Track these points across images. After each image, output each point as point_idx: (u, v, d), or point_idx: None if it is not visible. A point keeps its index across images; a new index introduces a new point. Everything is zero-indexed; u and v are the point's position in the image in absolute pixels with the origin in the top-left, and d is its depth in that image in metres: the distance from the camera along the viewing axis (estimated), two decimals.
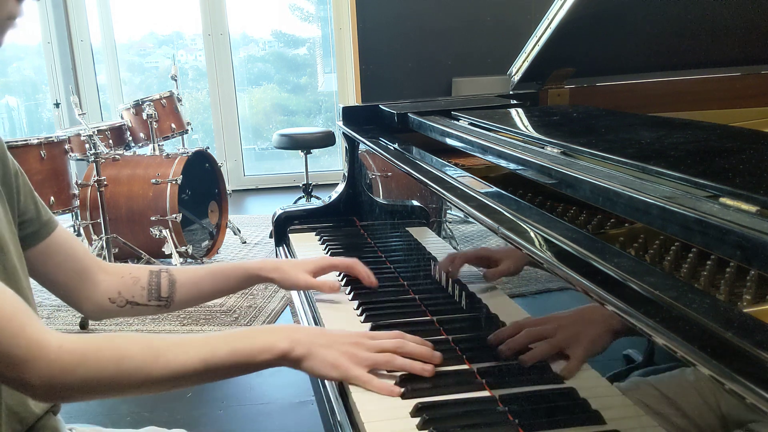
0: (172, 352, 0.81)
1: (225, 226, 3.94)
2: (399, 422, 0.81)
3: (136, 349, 0.80)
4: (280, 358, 0.85)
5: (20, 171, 0.98)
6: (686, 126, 1.11)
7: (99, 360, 0.78)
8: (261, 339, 0.85)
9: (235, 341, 0.85)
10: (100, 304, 1.07)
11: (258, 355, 0.84)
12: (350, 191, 1.71)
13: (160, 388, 0.83)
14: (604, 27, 1.60)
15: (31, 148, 3.36)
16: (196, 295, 1.13)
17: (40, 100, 5.99)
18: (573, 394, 0.73)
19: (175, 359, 0.81)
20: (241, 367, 0.85)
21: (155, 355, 0.80)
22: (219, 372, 0.84)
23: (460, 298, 1.01)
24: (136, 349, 0.80)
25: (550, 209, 1.09)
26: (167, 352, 0.81)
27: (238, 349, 0.84)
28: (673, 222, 0.67)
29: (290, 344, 0.85)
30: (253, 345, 0.85)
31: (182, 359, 0.81)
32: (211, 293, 1.15)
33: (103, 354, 0.79)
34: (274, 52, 6.20)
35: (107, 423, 2.14)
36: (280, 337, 0.86)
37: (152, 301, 1.10)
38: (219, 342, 0.84)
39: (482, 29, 4.94)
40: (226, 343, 0.84)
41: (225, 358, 0.83)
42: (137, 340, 0.82)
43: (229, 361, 0.83)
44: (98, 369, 0.78)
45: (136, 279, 1.09)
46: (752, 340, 0.49)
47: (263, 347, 0.85)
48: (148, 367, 0.80)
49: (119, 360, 0.79)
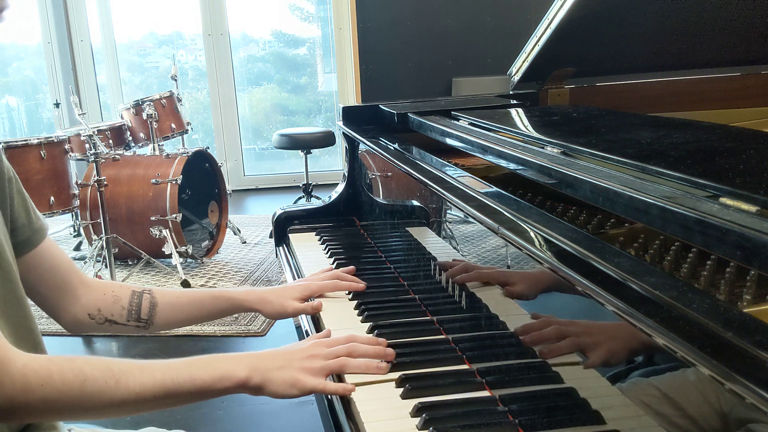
0: (132, 376, 0.82)
1: (225, 226, 3.94)
2: (399, 422, 0.81)
3: (97, 373, 0.80)
4: (239, 387, 0.87)
5: (14, 177, 0.97)
6: (686, 126, 1.11)
7: (63, 381, 0.78)
8: (221, 367, 0.87)
9: (195, 369, 0.86)
10: (78, 319, 1.07)
11: (217, 383, 0.86)
12: (350, 191, 1.71)
13: (121, 412, 0.83)
14: (604, 27, 1.60)
15: (31, 148, 3.36)
16: (176, 320, 1.14)
17: (40, 100, 5.99)
18: (573, 394, 0.73)
19: (135, 384, 0.82)
20: (200, 394, 0.86)
21: (116, 379, 0.81)
22: (179, 398, 0.85)
23: (460, 298, 1.01)
24: (98, 372, 0.81)
25: (550, 209, 1.09)
26: (128, 377, 0.82)
27: (197, 376, 0.85)
28: (673, 222, 0.67)
29: (248, 373, 0.87)
30: (213, 373, 0.86)
31: (142, 384, 0.82)
32: (191, 319, 1.15)
33: (66, 375, 0.79)
34: (274, 52, 6.20)
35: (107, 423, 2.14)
36: (240, 365, 0.87)
37: (131, 322, 1.10)
38: (180, 368, 0.85)
39: (482, 29, 4.94)
40: (186, 370, 0.85)
41: (184, 384, 0.84)
42: (98, 364, 0.82)
43: (188, 388, 0.84)
44: (61, 390, 0.78)
45: (117, 298, 1.09)
46: (752, 340, 0.49)
47: (222, 376, 0.86)
48: (109, 390, 0.80)
49: (82, 383, 0.79)
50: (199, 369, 0.86)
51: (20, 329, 0.92)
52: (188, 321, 1.15)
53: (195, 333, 2.86)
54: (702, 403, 0.53)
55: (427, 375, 0.91)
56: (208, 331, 2.87)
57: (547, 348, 0.79)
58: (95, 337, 2.90)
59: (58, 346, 2.76)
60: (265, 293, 1.16)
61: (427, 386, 0.87)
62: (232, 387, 0.87)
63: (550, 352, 0.79)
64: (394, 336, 1.02)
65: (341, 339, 0.96)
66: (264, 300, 1.15)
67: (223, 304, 1.15)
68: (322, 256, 1.47)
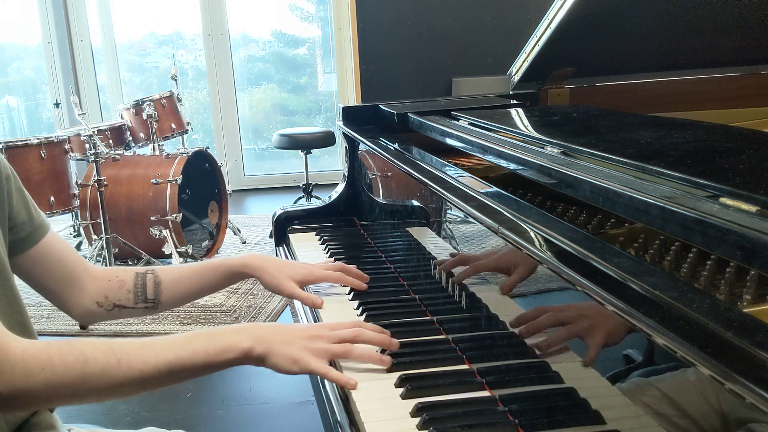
0: (134, 354, 0.81)
1: (225, 226, 3.94)
2: (399, 422, 0.81)
3: (98, 354, 0.80)
4: (243, 357, 0.87)
5: (13, 175, 0.97)
6: (686, 126, 1.11)
7: (64, 364, 0.78)
8: (223, 339, 0.86)
9: (198, 342, 0.85)
10: (88, 309, 1.08)
11: (221, 354, 0.85)
12: (350, 191, 1.71)
13: (125, 391, 0.83)
14: (604, 27, 1.60)
15: (31, 148, 3.36)
16: (182, 295, 1.14)
17: (40, 100, 5.99)
18: (573, 394, 0.73)
19: (138, 362, 0.81)
20: (204, 367, 0.85)
21: (117, 358, 0.81)
22: (183, 373, 0.85)
23: (460, 298, 1.01)
24: (99, 353, 0.80)
25: (550, 209, 1.09)
26: (129, 356, 0.81)
27: (200, 349, 0.85)
28: (673, 222, 0.67)
29: (252, 343, 0.86)
30: (215, 345, 0.85)
31: (144, 361, 0.82)
32: (196, 292, 1.15)
33: (66, 358, 0.78)
34: (274, 52, 6.20)
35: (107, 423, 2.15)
36: (242, 336, 0.87)
37: (139, 304, 1.10)
38: (182, 343, 0.85)
39: (482, 29, 4.94)
40: (189, 344, 0.85)
41: (188, 358, 0.84)
42: (98, 345, 0.82)
43: (192, 362, 0.84)
44: (62, 373, 0.78)
45: (122, 282, 1.10)
46: (752, 340, 0.49)
47: (225, 347, 0.86)
48: (111, 370, 0.80)
49: (83, 364, 0.79)
50: (202, 342, 0.85)
51: (15, 327, 0.92)
52: (193, 294, 1.15)
53: None
54: (702, 403, 0.53)
55: (427, 375, 0.91)
56: None
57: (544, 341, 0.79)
58: (95, 337, 2.89)
59: None
60: (266, 263, 1.16)
61: (427, 386, 0.87)
62: (236, 358, 0.86)
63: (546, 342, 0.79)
64: (394, 336, 1.02)
65: (347, 324, 0.95)
66: (265, 269, 1.15)
67: (224, 273, 1.15)
68: (322, 256, 1.47)
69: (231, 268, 1.15)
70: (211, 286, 1.16)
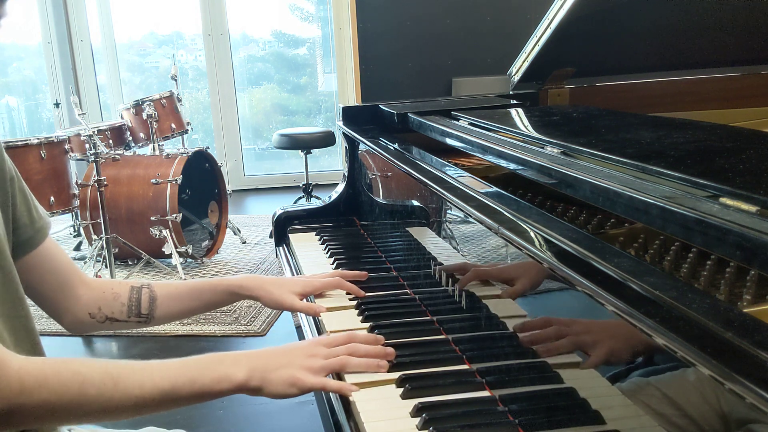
0: (130, 379, 0.81)
1: (225, 226, 3.94)
2: (399, 422, 0.81)
3: (95, 375, 0.80)
4: (238, 389, 0.86)
5: (17, 176, 0.97)
6: (686, 126, 1.11)
7: (60, 383, 0.78)
8: (220, 370, 0.86)
9: (194, 371, 0.85)
10: (79, 318, 1.07)
11: (216, 385, 0.85)
12: (350, 191, 1.71)
13: (120, 415, 0.82)
14: (604, 27, 1.60)
15: (31, 148, 3.36)
16: (177, 311, 1.13)
17: (40, 100, 5.99)
18: (573, 394, 0.73)
19: (134, 387, 0.81)
20: (199, 396, 0.85)
21: (114, 381, 0.80)
22: (178, 400, 0.84)
23: (460, 298, 1.01)
24: (96, 374, 0.80)
25: (550, 209, 1.09)
26: (126, 380, 0.81)
27: (196, 379, 0.84)
28: (673, 222, 0.67)
29: (247, 374, 0.86)
30: (211, 376, 0.85)
31: (141, 386, 0.81)
32: (191, 309, 1.15)
33: (63, 377, 0.78)
34: (274, 52, 6.19)
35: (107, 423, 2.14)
36: (238, 368, 0.87)
37: (132, 318, 1.10)
38: (178, 371, 0.84)
39: (482, 29, 4.94)
40: (185, 373, 0.84)
41: (183, 387, 0.84)
42: (95, 366, 0.81)
43: (187, 391, 0.84)
44: (59, 392, 0.77)
45: (116, 295, 1.09)
46: (752, 340, 0.49)
47: (221, 378, 0.85)
48: (108, 393, 0.80)
49: (80, 384, 0.78)
50: (198, 371, 0.85)
51: (19, 330, 0.92)
52: (188, 312, 1.15)
53: (195, 333, 2.86)
54: (702, 403, 0.53)
55: (427, 375, 0.91)
56: (208, 331, 2.87)
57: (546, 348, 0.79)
58: (95, 337, 2.90)
59: (59, 346, 2.76)
60: (265, 282, 1.16)
61: (427, 386, 0.87)
62: (231, 389, 0.86)
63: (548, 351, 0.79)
64: (394, 336, 1.02)
65: (340, 338, 0.96)
66: (262, 288, 1.15)
67: (222, 293, 1.15)
68: (322, 256, 1.47)
69: (229, 288, 1.15)
70: (206, 305, 1.16)
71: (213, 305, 1.17)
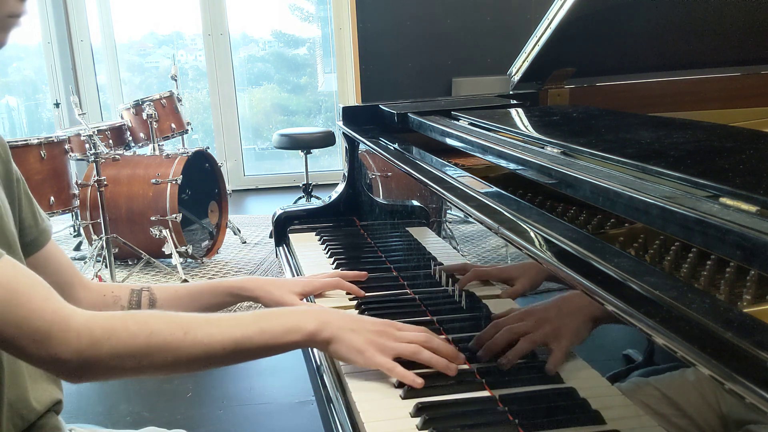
0: (201, 329, 0.81)
1: (225, 226, 3.94)
2: (399, 422, 0.81)
3: (163, 326, 0.80)
4: (308, 339, 0.86)
5: (21, 179, 0.98)
6: (686, 126, 1.11)
7: (128, 333, 0.78)
8: (290, 319, 0.86)
9: (264, 321, 0.85)
10: None
11: (286, 335, 0.85)
12: (350, 191, 1.71)
13: (190, 366, 0.82)
14: (604, 27, 1.60)
15: (31, 148, 3.36)
16: None
17: (40, 100, 5.99)
18: (573, 394, 0.73)
19: (204, 336, 0.81)
20: (269, 347, 0.85)
21: (184, 330, 0.80)
22: (248, 351, 0.84)
23: (460, 298, 1.01)
24: (163, 324, 0.80)
25: (550, 209, 1.09)
26: (196, 329, 0.81)
27: (266, 328, 0.84)
28: (673, 222, 0.67)
29: (318, 325, 0.86)
30: (282, 325, 0.85)
31: (211, 336, 0.81)
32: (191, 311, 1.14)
33: (130, 327, 0.78)
34: (274, 52, 6.20)
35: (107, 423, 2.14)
36: (309, 318, 0.86)
37: None
38: (248, 321, 0.84)
39: (482, 29, 4.94)
40: (255, 323, 0.84)
41: (253, 337, 0.83)
42: (163, 317, 0.82)
43: (257, 340, 0.84)
44: (128, 342, 0.78)
45: (116, 298, 1.09)
46: (752, 340, 0.49)
47: (292, 327, 0.85)
48: (177, 342, 0.80)
49: (148, 334, 0.79)
50: (268, 321, 0.85)
51: None
52: None
53: None
54: (702, 403, 0.53)
55: (427, 375, 0.91)
56: None
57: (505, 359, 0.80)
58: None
59: None
60: (265, 282, 1.16)
61: (427, 386, 0.87)
62: (302, 340, 0.85)
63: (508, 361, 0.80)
64: None
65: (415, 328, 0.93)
66: (263, 289, 1.15)
67: (222, 295, 1.14)
68: (322, 256, 1.47)
69: (229, 290, 1.14)
70: (206, 308, 1.15)
71: (213, 307, 1.16)
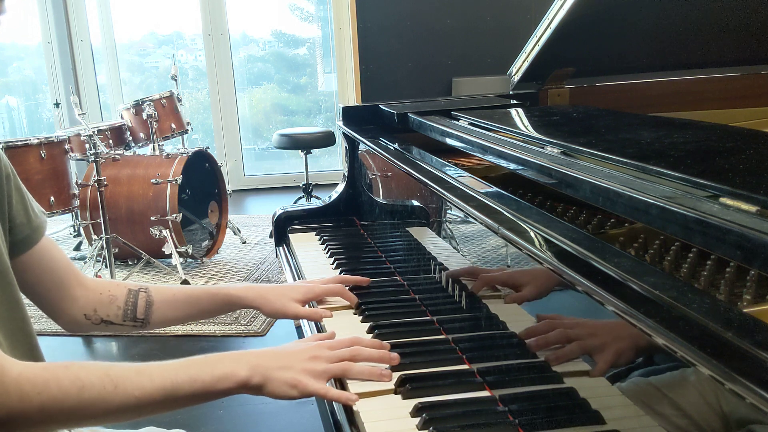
0: (130, 381, 0.80)
1: (225, 226, 3.94)
2: (399, 422, 0.81)
3: (94, 379, 0.79)
4: (240, 386, 0.85)
5: (12, 174, 0.95)
6: (686, 126, 1.11)
7: (60, 389, 0.77)
8: (220, 368, 0.85)
9: (194, 369, 0.84)
10: (75, 319, 1.06)
11: (218, 383, 0.84)
12: (350, 191, 1.71)
13: (122, 416, 0.82)
14: (604, 27, 1.60)
15: (31, 148, 3.36)
16: (173, 317, 1.12)
17: (40, 100, 5.99)
18: (573, 394, 0.73)
19: (134, 388, 0.80)
20: (201, 395, 0.84)
21: (114, 384, 0.79)
22: (180, 400, 0.84)
23: (460, 298, 1.01)
24: (95, 378, 0.79)
25: (550, 209, 1.09)
26: (125, 382, 0.80)
27: (197, 377, 0.84)
28: (673, 222, 0.67)
29: (249, 372, 0.85)
30: (212, 374, 0.84)
31: (141, 388, 0.81)
32: (189, 316, 1.14)
33: (62, 383, 0.77)
34: (274, 52, 6.19)
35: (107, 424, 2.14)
36: (240, 365, 0.86)
37: (127, 321, 1.09)
38: (178, 370, 0.84)
39: (482, 29, 4.94)
40: (186, 372, 0.84)
41: (184, 386, 0.83)
42: (94, 370, 0.81)
43: (188, 389, 0.83)
44: (58, 398, 0.77)
45: (113, 297, 1.08)
46: (752, 340, 0.49)
47: (222, 376, 0.85)
48: (108, 396, 0.79)
49: (80, 389, 0.78)
50: (199, 370, 0.84)
51: (17, 333, 0.92)
52: (185, 318, 1.14)
53: (195, 333, 2.86)
54: (702, 404, 0.53)
55: (427, 375, 0.91)
56: (208, 331, 2.88)
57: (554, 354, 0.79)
58: (95, 337, 2.89)
59: (58, 346, 2.76)
60: (265, 291, 1.14)
61: (427, 386, 0.87)
62: (233, 387, 0.85)
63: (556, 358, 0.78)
64: (394, 336, 1.02)
65: (345, 341, 0.94)
66: (263, 297, 1.13)
67: (221, 301, 1.13)
68: (322, 256, 1.47)
69: (228, 297, 1.13)
70: (204, 313, 1.14)
71: (210, 313, 1.15)
